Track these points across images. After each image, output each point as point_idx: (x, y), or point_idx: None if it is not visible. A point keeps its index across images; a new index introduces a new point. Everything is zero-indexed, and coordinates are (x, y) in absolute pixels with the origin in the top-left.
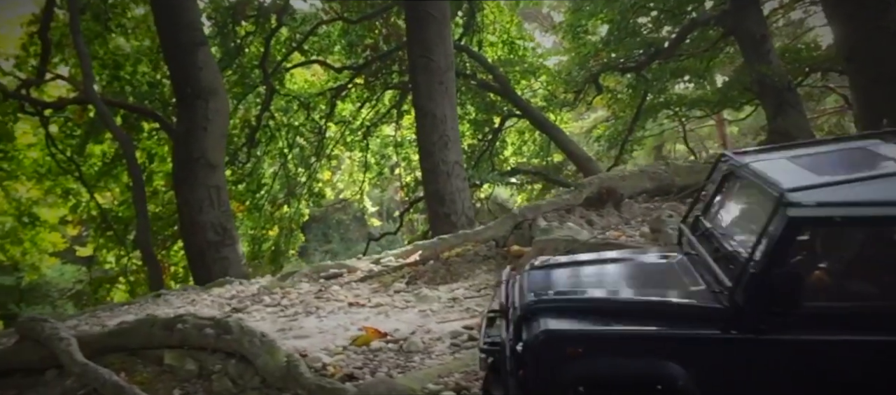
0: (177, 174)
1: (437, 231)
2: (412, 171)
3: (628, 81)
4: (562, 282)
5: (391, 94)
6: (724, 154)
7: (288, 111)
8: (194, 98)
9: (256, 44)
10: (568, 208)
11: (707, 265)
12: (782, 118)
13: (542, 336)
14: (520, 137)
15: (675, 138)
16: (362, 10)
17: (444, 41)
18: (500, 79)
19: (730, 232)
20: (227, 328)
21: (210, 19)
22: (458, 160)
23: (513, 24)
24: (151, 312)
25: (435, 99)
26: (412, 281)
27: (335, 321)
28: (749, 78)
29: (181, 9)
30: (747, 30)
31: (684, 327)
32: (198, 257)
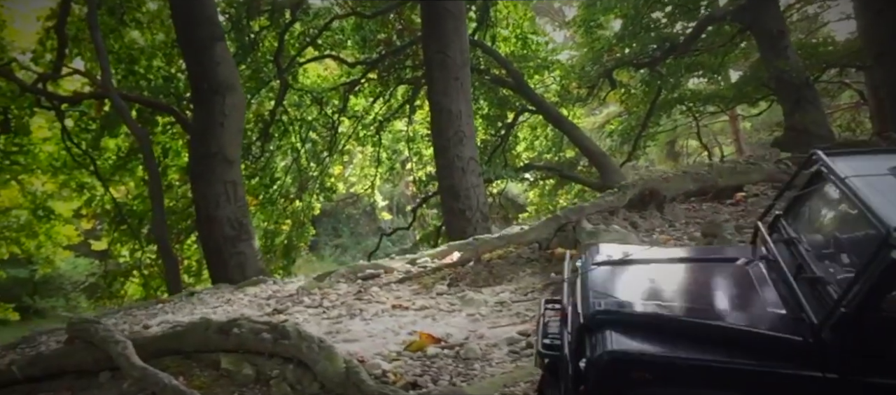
0: (193, 169)
1: (451, 227)
2: (424, 166)
3: (642, 77)
4: (628, 287)
5: (404, 89)
6: (815, 153)
7: (301, 106)
8: (212, 93)
9: (270, 38)
10: (611, 210)
11: (789, 285)
12: (800, 115)
13: (607, 357)
14: (532, 133)
15: (687, 134)
16: (376, 4)
17: (460, 37)
18: (515, 74)
19: (816, 248)
20: (285, 333)
21: (224, 14)
22: (473, 156)
23: (526, 18)
24: (186, 311)
25: (450, 95)
26: (453, 283)
27: (382, 325)
28: (765, 74)
29: (199, 4)
30: (764, 25)
31: (763, 361)
32: (214, 252)
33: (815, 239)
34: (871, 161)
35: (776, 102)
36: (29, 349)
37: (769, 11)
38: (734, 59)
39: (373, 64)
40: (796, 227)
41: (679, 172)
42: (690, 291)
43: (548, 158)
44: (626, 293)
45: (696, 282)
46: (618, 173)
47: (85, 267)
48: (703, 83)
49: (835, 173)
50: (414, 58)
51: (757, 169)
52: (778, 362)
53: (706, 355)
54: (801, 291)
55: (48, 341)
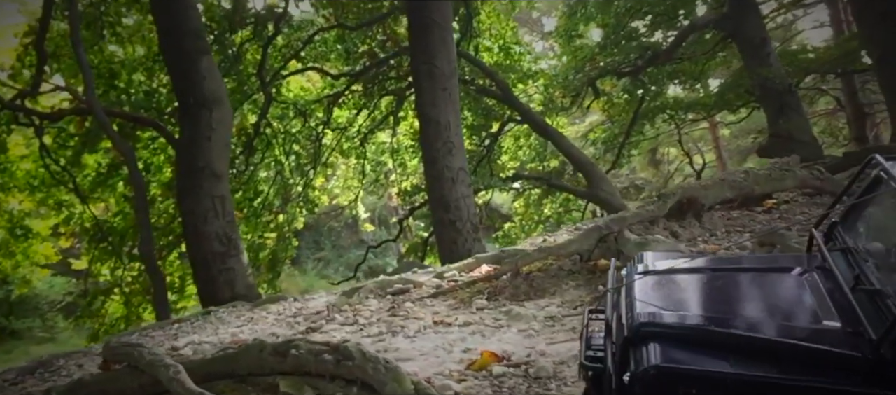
0: (180, 184)
1: (441, 238)
2: (408, 177)
3: (624, 85)
4: (675, 298)
5: (387, 100)
6: (874, 158)
7: (284, 119)
8: (198, 107)
9: (253, 51)
10: (652, 219)
11: (846, 297)
12: (784, 121)
13: (653, 371)
14: (515, 143)
15: (668, 142)
16: (360, 16)
17: (448, 47)
18: (501, 84)
19: (875, 258)
20: (348, 354)
21: (207, 27)
22: (463, 166)
23: (509, 29)
24: (208, 331)
25: (438, 105)
26: (492, 297)
27: (429, 342)
28: (747, 81)
29: (184, 17)
30: (747, 33)
31: (818, 378)
32: (202, 267)
33: (874, 248)
34: None
35: (756, 109)
36: (47, 374)
37: (751, 19)
38: (714, 66)
39: (357, 76)
40: (854, 235)
41: (717, 180)
42: (740, 302)
43: (531, 168)
44: (673, 304)
45: (747, 293)
46: (605, 182)
47: (62, 286)
48: (683, 91)
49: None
50: (397, 69)
51: (791, 175)
52: (834, 379)
53: (757, 371)
54: (858, 304)
55: (67, 363)
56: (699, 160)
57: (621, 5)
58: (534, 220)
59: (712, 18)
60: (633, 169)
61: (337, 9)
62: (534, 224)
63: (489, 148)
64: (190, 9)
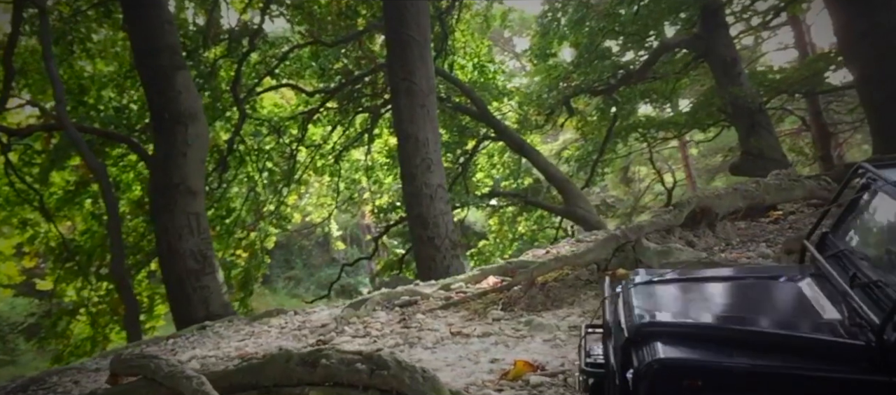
0: (155, 201)
1: (419, 255)
2: (382, 195)
3: (597, 104)
4: (672, 302)
5: (362, 117)
6: (862, 166)
7: (257, 136)
8: (173, 123)
9: (226, 67)
10: (668, 229)
11: (843, 292)
12: (755, 139)
13: (657, 365)
14: (488, 161)
15: (639, 160)
16: (336, 33)
17: (426, 64)
18: (478, 102)
19: (871, 256)
20: (383, 363)
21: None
22: (441, 183)
23: (483, 47)
24: (209, 345)
25: (417, 122)
26: (507, 308)
27: (451, 353)
28: (721, 100)
29: (160, 32)
30: (718, 53)
31: (822, 366)
32: (177, 286)
33: (867, 252)
34: None
35: (726, 127)
36: (41, 391)
37: (722, 40)
38: (684, 86)
39: (332, 93)
40: (847, 242)
41: (730, 190)
42: (738, 303)
43: (506, 185)
44: (671, 308)
45: (744, 296)
46: (581, 199)
47: (24, 307)
48: (654, 110)
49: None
50: (373, 86)
51: (799, 186)
52: (838, 367)
53: (760, 360)
54: (857, 296)
55: (61, 380)
56: (670, 179)
57: (594, 25)
58: (508, 238)
59: (684, 39)
60: (605, 187)
61: (313, 25)
62: (509, 242)
63: (464, 166)
64: (166, 24)
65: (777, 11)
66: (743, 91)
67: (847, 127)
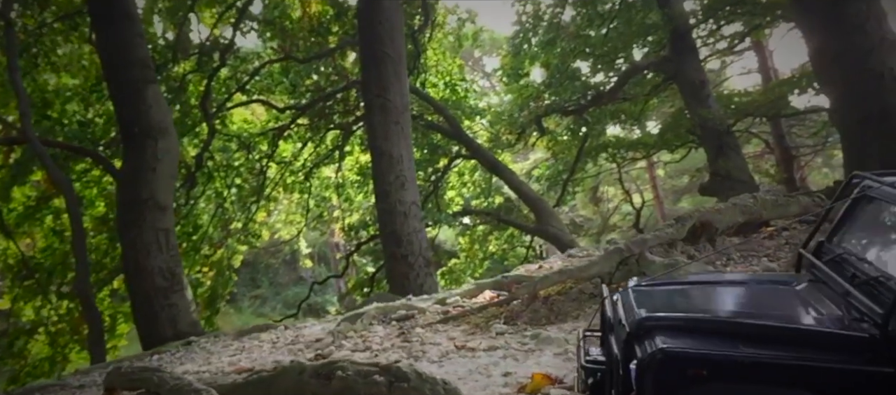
0: (122, 217)
1: (392, 273)
2: (353, 212)
3: (568, 124)
4: (672, 301)
5: (333, 134)
6: (857, 175)
7: (226, 151)
8: (143, 137)
9: (196, 82)
10: (671, 242)
11: (844, 291)
12: (723, 160)
13: (660, 355)
14: (460, 179)
15: (608, 180)
16: (307, 49)
17: (401, 81)
18: (452, 120)
19: (872, 258)
20: (402, 375)
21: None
22: (415, 201)
23: (455, 65)
24: (200, 360)
25: (391, 139)
26: (510, 322)
27: (459, 367)
28: (686, 122)
29: (130, 45)
30: (687, 75)
31: (825, 357)
32: (144, 303)
33: (867, 254)
34: None
35: (694, 148)
36: None
37: (691, 63)
38: (652, 107)
39: (303, 109)
40: (846, 247)
41: (729, 205)
42: (739, 301)
43: (477, 204)
44: (673, 305)
45: (744, 296)
46: (554, 218)
47: None
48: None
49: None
50: (344, 103)
51: (794, 202)
52: (841, 358)
53: (763, 351)
54: (859, 292)
55: None
56: (638, 199)
57: (565, 46)
58: (479, 257)
59: (654, 61)
60: (574, 207)
61: (285, 41)
62: (479, 261)
63: (436, 184)
64: (136, 37)
65: (743, 37)
66: (711, 113)
67: (808, 150)
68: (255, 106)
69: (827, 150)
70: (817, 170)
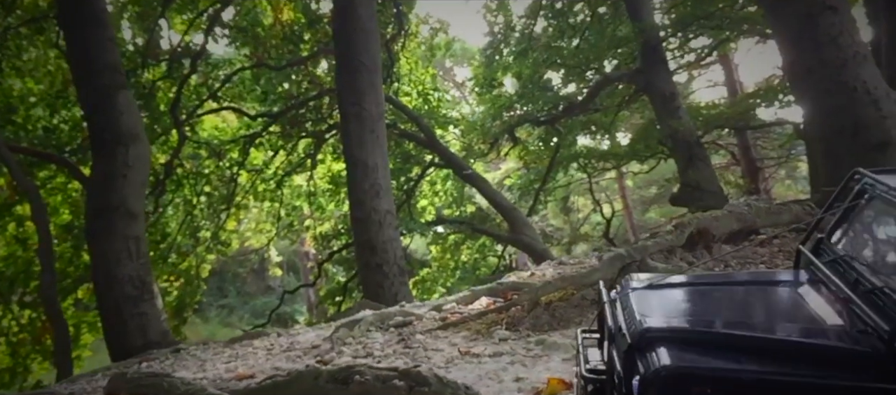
0: (91, 224)
1: (367, 282)
2: (324, 221)
3: (539, 134)
4: (673, 306)
5: (305, 143)
6: (859, 172)
7: (197, 159)
8: (114, 144)
9: (165, 88)
10: (670, 249)
11: (845, 298)
12: (693, 171)
13: (664, 372)
14: (432, 188)
15: (579, 190)
16: (280, 57)
17: (376, 90)
18: (425, 129)
19: (874, 263)
20: (422, 380)
21: None
22: (391, 209)
23: (428, 75)
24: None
25: (366, 148)
26: (512, 328)
27: (468, 373)
28: (657, 134)
29: (101, 50)
30: (658, 87)
31: (831, 374)
32: (113, 313)
33: (867, 257)
34: None
35: (663, 159)
36: None
37: (661, 75)
38: (623, 118)
39: (275, 117)
40: (846, 248)
41: (725, 212)
42: (740, 309)
43: (448, 213)
44: (674, 313)
45: (745, 302)
46: (527, 227)
47: None
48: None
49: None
50: (317, 111)
51: (787, 210)
52: (847, 376)
53: (770, 368)
54: (863, 302)
55: None
56: (608, 209)
57: (537, 57)
58: (450, 266)
59: (626, 73)
60: (545, 216)
61: (257, 48)
62: (451, 271)
63: (410, 192)
64: (107, 41)
65: (711, 50)
66: (682, 124)
67: (772, 162)
68: (226, 113)
69: (790, 162)
70: (781, 182)
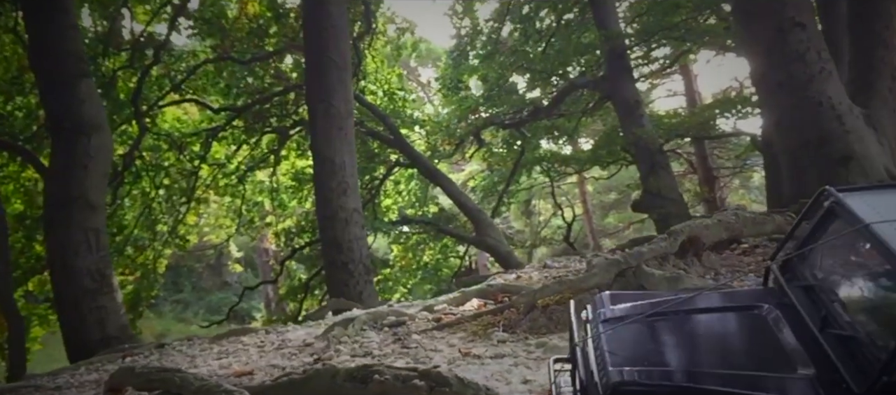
0: (50, 215)
1: (332, 280)
2: (287, 218)
3: (504, 136)
4: (644, 348)
5: (269, 138)
6: (827, 190)
7: (157, 151)
8: (75, 133)
9: (126, 78)
10: (664, 256)
11: (815, 341)
12: (654, 178)
13: None
14: (395, 188)
15: (541, 194)
16: (244, 51)
17: (345, 87)
18: (392, 128)
19: (838, 297)
20: (442, 380)
21: None
22: (358, 208)
23: (394, 74)
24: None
25: (334, 145)
26: (510, 330)
27: (473, 374)
28: (624, 139)
29: (62, 37)
30: (623, 95)
31: None
32: (71, 306)
33: (833, 283)
34: (884, 198)
35: (625, 166)
36: None
37: (626, 83)
38: (586, 124)
39: (239, 111)
40: (811, 269)
41: (715, 221)
42: (712, 351)
43: (411, 213)
44: (643, 357)
45: (717, 339)
46: (492, 228)
47: None
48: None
49: (856, 218)
50: (281, 107)
51: (771, 220)
52: None
53: None
54: (831, 348)
55: None
56: (569, 213)
57: (505, 60)
58: (412, 267)
59: (591, 80)
60: (506, 219)
61: (223, 41)
62: (413, 271)
63: (375, 192)
64: (69, 29)
65: (673, 60)
66: (645, 132)
67: (727, 171)
68: (188, 105)
69: (744, 172)
70: (735, 191)
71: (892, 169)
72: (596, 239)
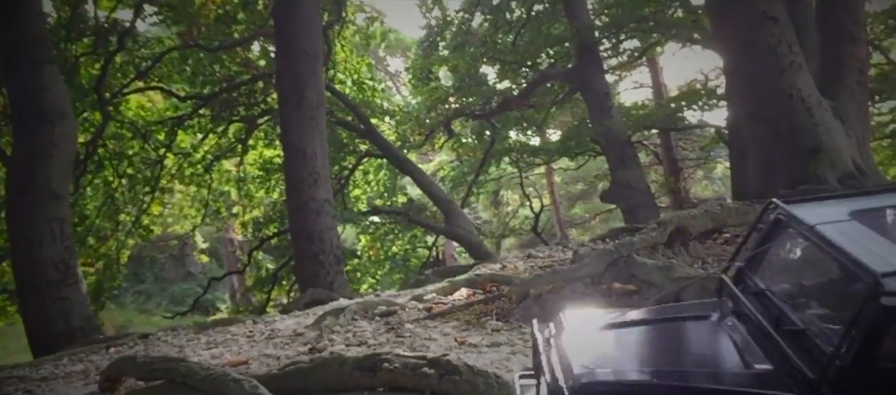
0: (12, 204)
1: (302, 270)
2: (253, 208)
3: (474, 127)
4: (607, 353)
5: (236, 127)
6: (774, 201)
7: (120, 139)
8: (39, 121)
9: (88, 64)
10: (653, 246)
11: (772, 339)
12: (623, 170)
13: None
14: (364, 178)
15: (509, 184)
16: (212, 38)
17: (317, 77)
18: (363, 117)
19: (789, 299)
20: (452, 368)
21: None
22: (329, 198)
23: (363, 64)
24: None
25: (305, 135)
26: (503, 319)
27: (475, 362)
28: (593, 131)
29: (25, 22)
30: (593, 87)
31: None
32: (34, 296)
33: (784, 289)
34: (831, 206)
35: (593, 158)
36: None
37: (596, 75)
38: (554, 115)
39: (206, 99)
40: (763, 277)
41: (701, 211)
42: (672, 354)
43: (380, 203)
44: (607, 361)
45: (676, 344)
46: (462, 218)
47: None
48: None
49: (802, 222)
50: (249, 95)
51: (752, 211)
52: None
53: None
54: (786, 344)
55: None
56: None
57: (475, 51)
58: (381, 257)
59: (562, 72)
60: (475, 209)
61: (189, 27)
62: (381, 261)
63: (344, 182)
64: (32, 15)
65: (641, 53)
66: (614, 123)
67: (692, 163)
68: (152, 93)
69: (708, 163)
70: (699, 182)
71: (858, 161)
72: (563, 229)
